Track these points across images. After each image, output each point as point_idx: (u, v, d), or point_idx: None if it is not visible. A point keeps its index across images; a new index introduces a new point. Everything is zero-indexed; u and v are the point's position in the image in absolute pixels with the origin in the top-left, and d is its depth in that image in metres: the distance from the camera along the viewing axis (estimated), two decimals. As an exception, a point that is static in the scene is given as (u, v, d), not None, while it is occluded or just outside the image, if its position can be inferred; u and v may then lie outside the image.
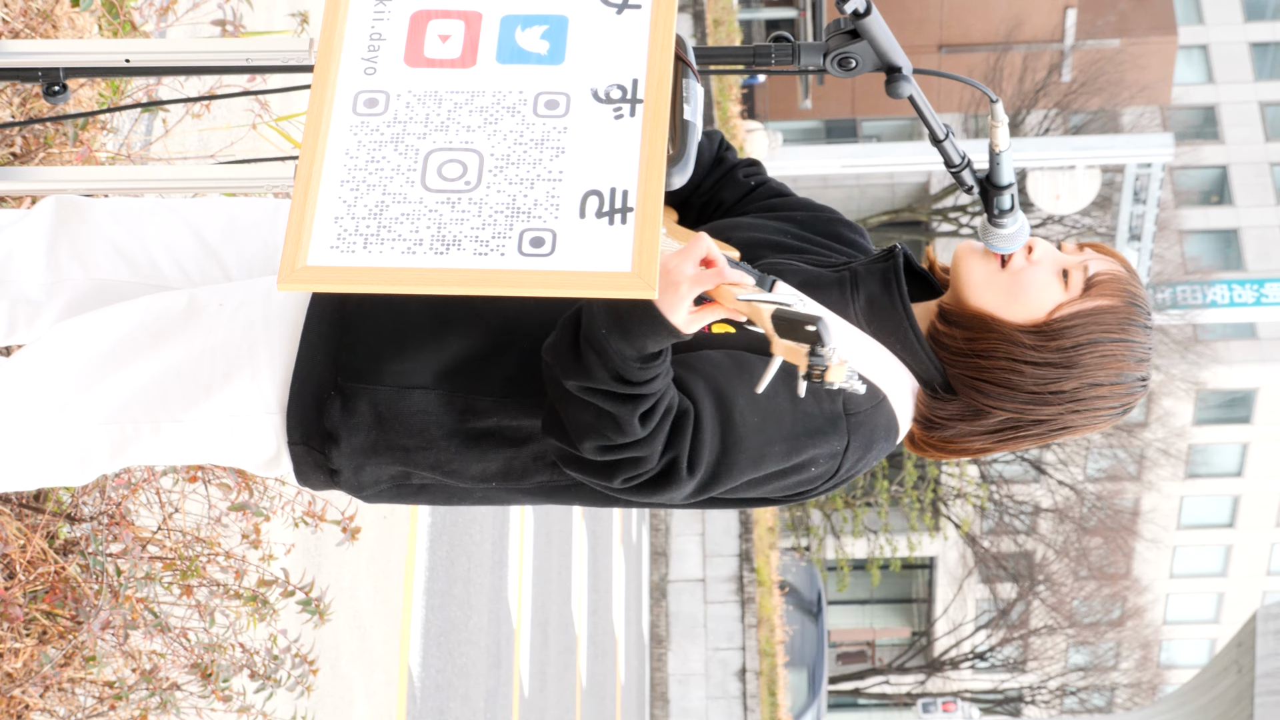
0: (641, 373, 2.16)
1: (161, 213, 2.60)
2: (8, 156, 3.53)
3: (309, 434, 2.42)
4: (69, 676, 3.46)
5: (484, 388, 2.38)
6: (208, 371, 2.41)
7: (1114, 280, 2.43)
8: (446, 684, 7.47)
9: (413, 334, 2.39)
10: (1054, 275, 2.43)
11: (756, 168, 2.72)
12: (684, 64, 2.28)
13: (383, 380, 2.39)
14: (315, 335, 2.41)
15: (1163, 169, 24.12)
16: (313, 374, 2.40)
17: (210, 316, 2.43)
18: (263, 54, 2.47)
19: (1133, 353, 2.42)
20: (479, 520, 8.47)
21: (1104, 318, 2.41)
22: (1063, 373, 2.41)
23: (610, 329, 2.13)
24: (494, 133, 2.09)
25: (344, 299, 2.43)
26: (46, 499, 3.51)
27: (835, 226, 2.64)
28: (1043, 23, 30.08)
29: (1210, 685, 30.68)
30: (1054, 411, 2.44)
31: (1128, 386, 2.44)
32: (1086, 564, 30.08)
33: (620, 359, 2.14)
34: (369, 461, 2.44)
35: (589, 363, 2.16)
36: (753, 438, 2.31)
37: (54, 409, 2.43)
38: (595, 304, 2.15)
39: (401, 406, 2.39)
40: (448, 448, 2.41)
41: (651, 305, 2.09)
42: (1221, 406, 37.27)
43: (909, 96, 2.27)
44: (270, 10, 5.33)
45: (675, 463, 2.28)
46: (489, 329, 2.38)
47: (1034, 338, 2.41)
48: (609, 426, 2.21)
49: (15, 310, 2.60)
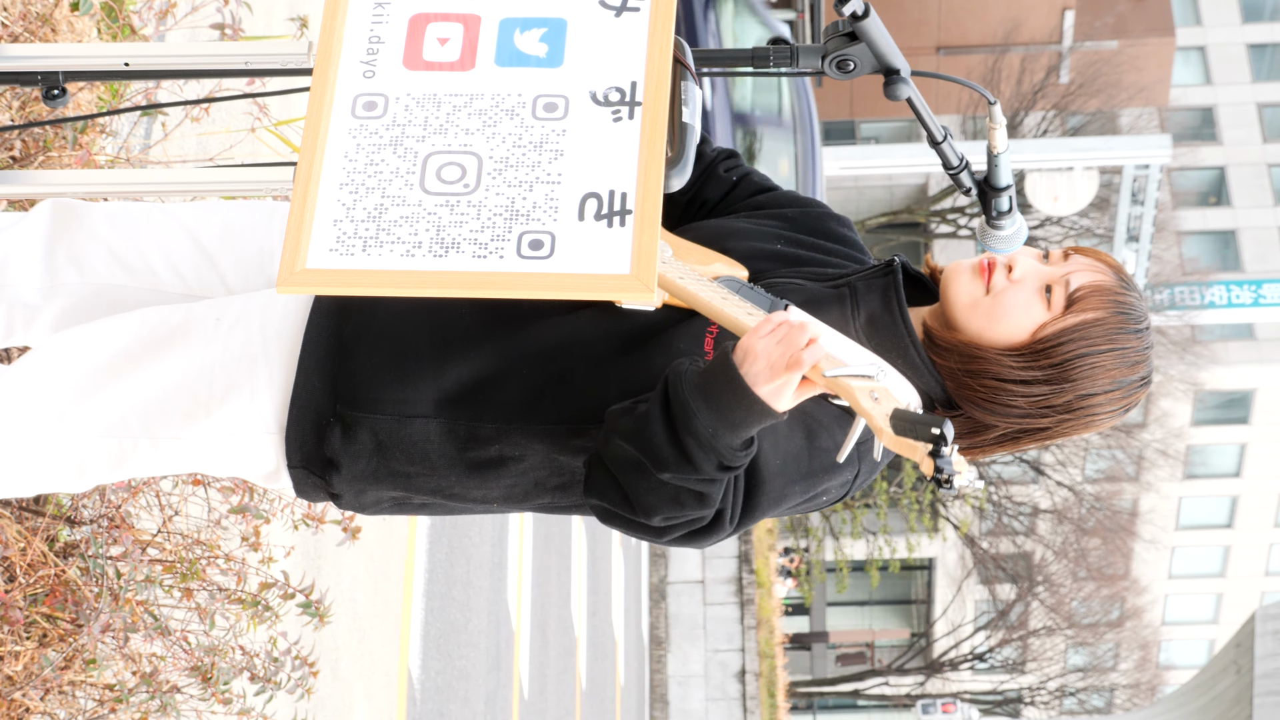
0: (745, 456, 2.19)
1: (157, 217, 2.60)
2: (7, 160, 3.53)
3: (309, 459, 2.42)
4: (69, 679, 3.46)
5: (485, 415, 2.37)
6: (206, 389, 2.41)
7: (1097, 292, 2.42)
8: (446, 686, 7.47)
9: (412, 361, 2.38)
10: (1035, 294, 2.42)
11: (734, 160, 2.71)
12: (682, 67, 2.28)
13: (383, 409, 2.38)
14: (313, 360, 2.40)
15: (1160, 170, 24.12)
16: (311, 400, 2.40)
17: (207, 332, 2.43)
18: (262, 57, 2.47)
19: (1125, 359, 2.41)
20: (478, 523, 8.47)
21: (1089, 331, 2.39)
22: (1055, 388, 2.40)
23: (716, 427, 2.14)
24: (493, 135, 2.09)
25: (340, 323, 2.41)
26: (46, 502, 3.51)
27: (825, 222, 2.63)
28: (1040, 24, 30.07)
29: (1209, 686, 30.66)
30: (1052, 422, 2.44)
31: (1126, 389, 2.43)
32: (1085, 565, 30.07)
33: (729, 451, 2.16)
34: (370, 486, 2.44)
35: (695, 458, 2.17)
36: (775, 480, 2.33)
37: (51, 420, 2.43)
38: (689, 400, 2.15)
39: (403, 435, 2.38)
40: (449, 474, 2.41)
41: (756, 397, 2.11)
42: (1219, 407, 37.27)
43: (907, 99, 2.28)
44: (269, 14, 5.34)
45: (721, 515, 2.30)
46: (488, 355, 2.37)
47: (1019, 359, 2.40)
48: (691, 503, 2.23)
49: (12, 314, 2.60)
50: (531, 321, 2.35)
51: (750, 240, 2.53)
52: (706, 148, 2.70)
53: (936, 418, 2.00)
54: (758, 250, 2.51)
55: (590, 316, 2.36)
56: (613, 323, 2.35)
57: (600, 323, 2.35)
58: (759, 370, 2.11)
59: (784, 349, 2.10)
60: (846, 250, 2.60)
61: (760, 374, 2.11)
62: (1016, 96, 28.80)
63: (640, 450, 2.20)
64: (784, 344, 2.10)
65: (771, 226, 2.58)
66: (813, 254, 2.56)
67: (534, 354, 2.36)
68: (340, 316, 2.42)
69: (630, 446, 2.22)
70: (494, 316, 2.36)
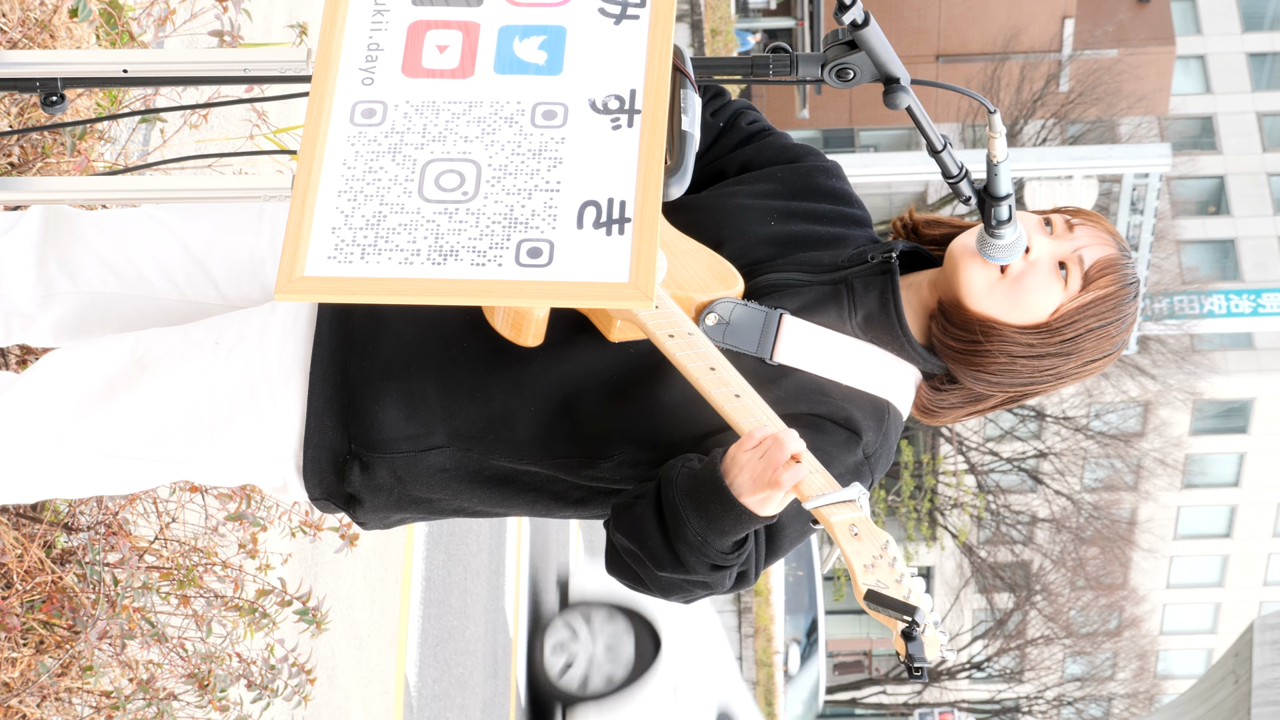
0: (737, 556, 2.26)
1: (145, 224, 2.59)
2: (5, 166, 3.52)
3: (330, 493, 2.47)
4: (66, 686, 3.45)
5: (498, 452, 2.41)
6: (209, 412, 2.42)
7: (1109, 266, 2.45)
8: (443, 694, 7.47)
9: (420, 403, 2.40)
10: (1052, 274, 2.43)
11: (754, 113, 2.72)
12: (682, 75, 2.28)
13: (398, 449, 2.41)
14: (321, 400, 2.42)
15: (1160, 179, 24.12)
16: (325, 440, 2.42)
17: (206, 355, 2.43)
18: (260, 64, 2.47)
19: (1124, 323, 2.47)
20: (475, 530, 8.46)
21: (1099, 306, 2.44)
22: (1060, 360, 2.45)
23: (705, 533, 2.20)
24: (492, 143, 2.09)
25: (345, 360, 2.43)
26: (44, 509, 3.50)
27: (814, 177, 2.64)
28: (1040, 33, 30.09)
29: (1207, 695, 30.65)
30: (1048, 385, 2.49)
31: (1114, 342, 2.48)
32: (1083, 574, 30.06)
33: (718, 555, 2.22)
34: (394, 513, 2.51)
35: (686, 560, 2.24)
36: (793, 522, 2.37)
37: (51, 439, 2.44)
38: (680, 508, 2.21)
39: (421, 469, 2.43)
40: (470, 497, 2.47)
41: (743, 507, 2.15)
42: (1218, 416, 37.24)
43: (907, 107, 2.27)
44: (268, 21, 5.34)
45: (745, 575, 2.35)
46: (495, 394, 2.40)
47: (1035, 335, 2.43)
48: (699, 591, 2.31)
49: (9, 322, 2.60)
50: (534, 358, 2.36)
51: (744, 227, 2.53)
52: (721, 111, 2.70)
53: (909, 605, 2.04)
54: (753, 238, 2.51)
55: (589, 347, 2.37)
56: (613, 353, 2.36)
57: (601, 354, 2.37)
58: (743, 482, 2.15)
59: (765, 465, 2.13)
60: (838, 207, 2.61)
61: (744, 486, 2.15)
62: (1016, 105, 28.81)
63: (639, 549, 2.28)
64: (765, 460, 2.13)
65: (764, 200, 2.57)
66: (806, 225, 2.56)
67: (539, 390, 2.38)
68: (344, 352, 2.42)
69: (631, 545, 2.29)
70: (497, 355, 2.38)
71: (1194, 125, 38.18)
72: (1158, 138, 31.41)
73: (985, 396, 2.51)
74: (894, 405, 2.46)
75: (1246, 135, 38.35)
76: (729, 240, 2.49)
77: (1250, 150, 38.28)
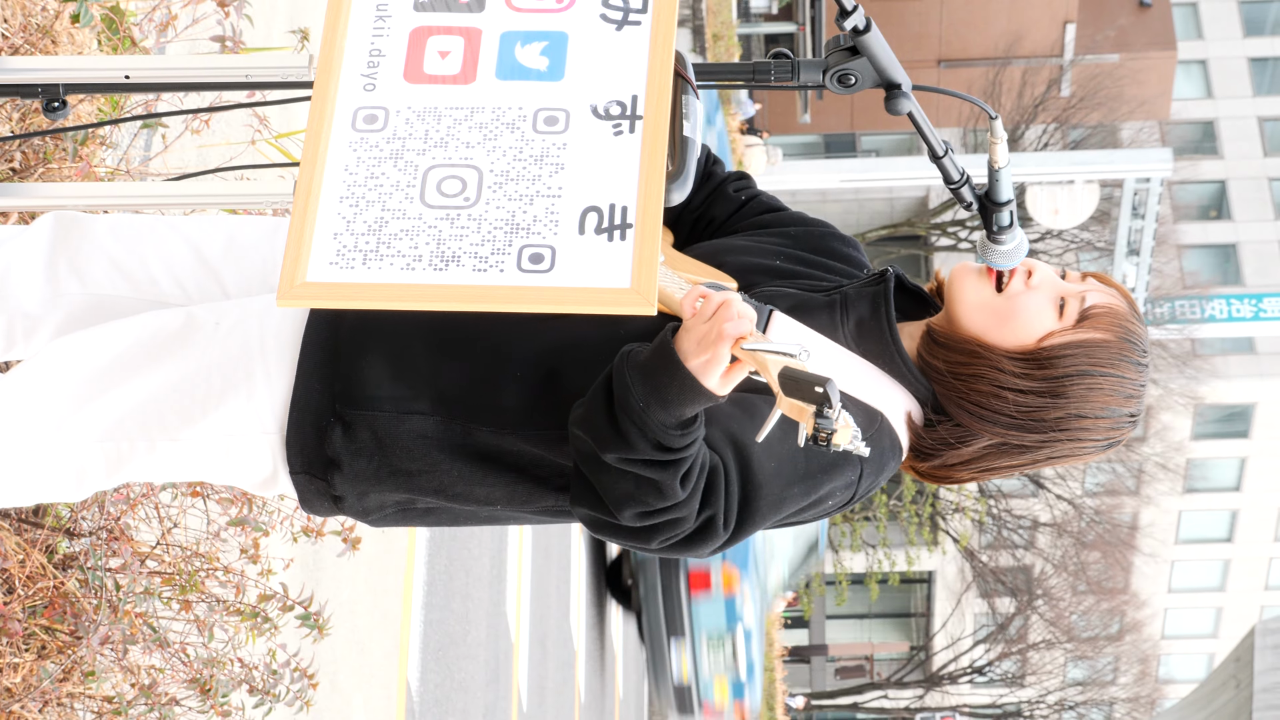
0: (682, 439, 2.16)
1: (161, 229, 2.60)
2: (7, 172, 3.53)
3: (310, 462, 2.42)
4: (68, 691, 3.46)
5: (480, 418, 2.37)
6: (204, 390, 2.41)
7: (1110, 314, 2.42)
8: (445, 698, 7.47)
9: (407, 359, 2.38)
10: (1050, 303, 2.41)
11: (746, 181, 2.71)
12: (683, 80, 2.28)
13: (380, 406, 2.38)
14: (311, 363, 2.40)
15: (1161, 184, 24.16)
16: (310, 402, 2.40)
17: (206, 335, 2.43)
18: (262, 70, 2.47)
19: (1122, 388, 2.40)
20: (477, 534, 8.47)
21: (1095, 351, 2.39)
22: (1048, 401, 2.39)
23: (648, 400, 2.13)
24: (493, 149, 2.09)
25: (338, 326, 2.42)
26: (45, 514, 3.51)
27: (829, 241, 2.63)
28: (1042, 38, 30.12)
29: (1208, 700, 30.67)
30: (1037, 439, 2.42)
31: (1114, 421, 2.42)
32: (1085, 578, 30.07)
33: (660, 428, 2.14)
34: (373, 488, 2.44)
35: (629, 435, 2.15)
36: (772, 483, 2.31)
37: (49, 426, 2.43)
38: (628, 375, 2.16)
39: (401, 431, 2.38)
40: (450, 471, 2.41)
41: (687, 372, 2.10)
42: (1220, 421, 37.26)
43: (908, 113, 2.28)
44: (270, 27, 5.34)
45: (712, 520, 2.28)
46: (483, 356, 2.37)
47: (1021, 364, 2.40)
48: (650, 493, 2.21)
49: (13, 325, 2.60)
50: (527, 324, 2.35)
51: (747, 255, 2.53)
52: (718, 169, 2.70)
53: (822, 377, 1.97)
54: (753, 265, 2.51)
55: (583, 319, 2.35)
56: (605, 327, 2.34)
57: (593, 327, 2.34)
58: (689, 345, 2.10)
59: (710, 325, 2.09)
60: (849, 270, 2.60)
61: (690, 348, 2.10)
62: (1018, 110, 28.85)
63: (586, 432, 2.21)
64: (713, 320, 2.09)
65: (773, 244, 2.58)
66: (812, 270, 2.55)
67: (527, 356, 2.36)
68: (338, 316, 2.42)
69: (580, 431, 2.22)
70: (491, 317, 2.36)
71: (1195, 130, 38.22)
72: (1159, 142, 31.44)
73: (967, 437, 2.44)
74: (886, 418, 2.42)
75: (1248, 140, 38.38)
76: (727, 265, 2.49)
77: (1251, 155, 38.31)
